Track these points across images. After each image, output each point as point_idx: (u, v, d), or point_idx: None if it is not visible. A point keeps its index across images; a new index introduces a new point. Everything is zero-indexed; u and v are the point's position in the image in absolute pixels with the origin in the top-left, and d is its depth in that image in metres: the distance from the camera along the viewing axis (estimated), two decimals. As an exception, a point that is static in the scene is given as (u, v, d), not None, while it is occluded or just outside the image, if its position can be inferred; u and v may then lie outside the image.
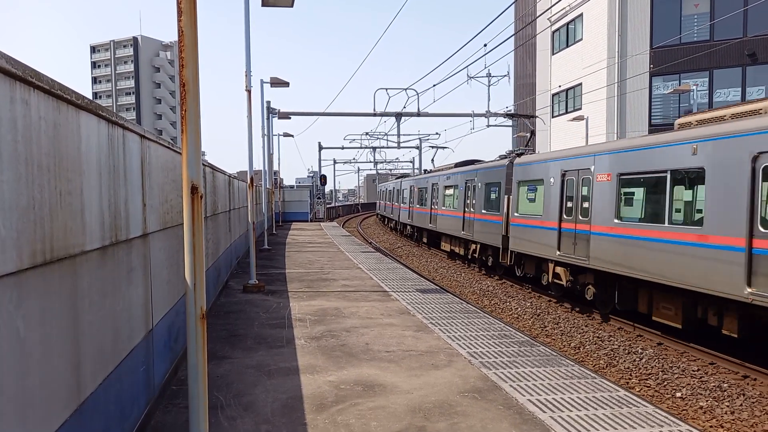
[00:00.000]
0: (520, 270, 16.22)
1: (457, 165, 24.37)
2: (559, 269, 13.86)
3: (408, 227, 33.84)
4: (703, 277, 9.00)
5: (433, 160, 38.61)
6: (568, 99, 30.86)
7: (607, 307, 12.25)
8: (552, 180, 14.01)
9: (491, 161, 19.84)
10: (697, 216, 9.48)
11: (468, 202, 20.80)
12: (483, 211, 18.98)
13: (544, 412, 4.93)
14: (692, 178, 9.68)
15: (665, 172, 10.12)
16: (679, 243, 9.67)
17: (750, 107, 9.23)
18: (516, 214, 16.17)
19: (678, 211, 9.99)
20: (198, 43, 3.34)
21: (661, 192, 10.23)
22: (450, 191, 23.67)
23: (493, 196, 18.29)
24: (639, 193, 11.06)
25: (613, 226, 11.43)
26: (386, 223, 46.69)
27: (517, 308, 13.90)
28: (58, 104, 2.86)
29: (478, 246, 19.71)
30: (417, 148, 53.78)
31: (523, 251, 15.67)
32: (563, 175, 13.52)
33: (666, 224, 10.02)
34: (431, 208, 26.61)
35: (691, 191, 9.75)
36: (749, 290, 7.91)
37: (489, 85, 32.73)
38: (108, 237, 3.62)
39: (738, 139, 8.62)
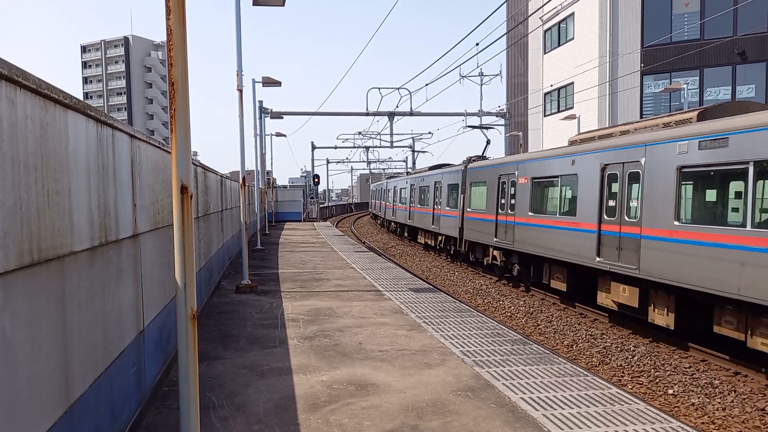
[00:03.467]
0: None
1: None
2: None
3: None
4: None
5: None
6: (560, 98, 30.96)
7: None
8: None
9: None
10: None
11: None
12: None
13: (537, 410, 4.94)
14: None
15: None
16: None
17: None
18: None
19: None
20: (187, 41, 3.32)
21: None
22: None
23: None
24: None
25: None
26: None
27: (510, 307, 13.93)
28: (46, 103, 2.83)
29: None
30: (410, 147, 53.82)
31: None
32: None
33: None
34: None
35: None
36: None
37: (481, 84, 32.81)
38: (97, 237, 3.59)
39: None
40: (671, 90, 21.67)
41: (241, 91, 11.81)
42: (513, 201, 15.81)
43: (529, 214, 14.60)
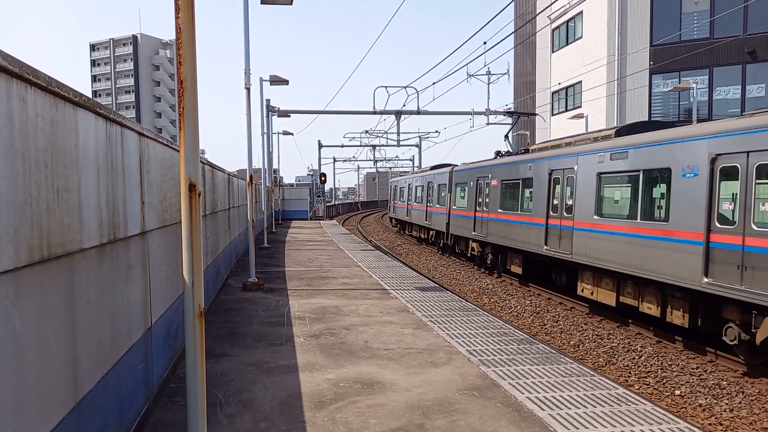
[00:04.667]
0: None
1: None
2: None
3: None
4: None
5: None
6: (568, 97, 30.83)
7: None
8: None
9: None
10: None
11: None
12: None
13: (543, 409, 4.93)
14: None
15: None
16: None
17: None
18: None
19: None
20: (196, 40, 3.34)
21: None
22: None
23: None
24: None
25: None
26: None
27: (516, 306, 13.90)
28: (56, 101, 2.85)
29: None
30: (417, 146, 53.76)
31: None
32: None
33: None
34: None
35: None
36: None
37: (489, 83, 32.70)
38: (106, 234, 3.61)
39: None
40: (680, 89, 21.54)
41: (248, 89, 11.84)
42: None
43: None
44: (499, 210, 17.28)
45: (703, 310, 9.39)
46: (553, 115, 32.69)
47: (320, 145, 51.37)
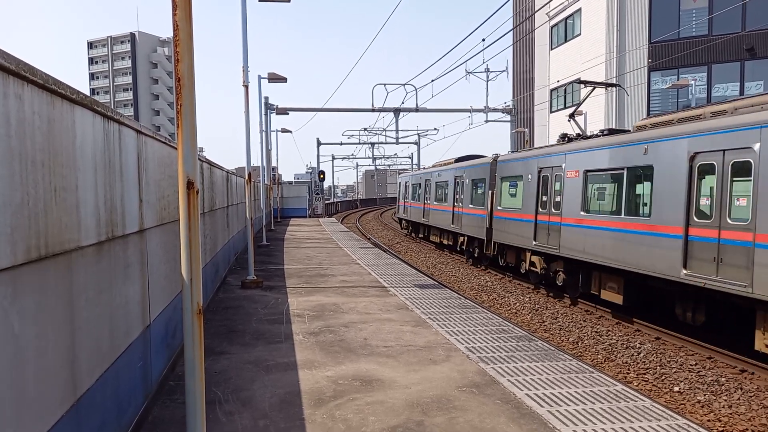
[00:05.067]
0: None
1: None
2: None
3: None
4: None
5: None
6: (567, 94, 30.82)
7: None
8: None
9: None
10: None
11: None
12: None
13: (542, 406, 4.94)
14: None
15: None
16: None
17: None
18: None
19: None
20: (193, 37, 3.33)
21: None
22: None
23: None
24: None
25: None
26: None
27: (515, 303, 13.91)
28: (53, 99, 2.84)
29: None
30: (416, 143, 53.76)
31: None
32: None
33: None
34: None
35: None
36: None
37: (487, 81, 32.71)
38: (104, 233, 3.60)
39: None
40: (679, 86, 21.55)
41: (247, 87, 11.82)
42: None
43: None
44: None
45: None
46: (551, 112, 32.68)
47: (319, 143, 51.35)
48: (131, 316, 4.29)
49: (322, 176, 48.05)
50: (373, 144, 56.04)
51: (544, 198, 14.81)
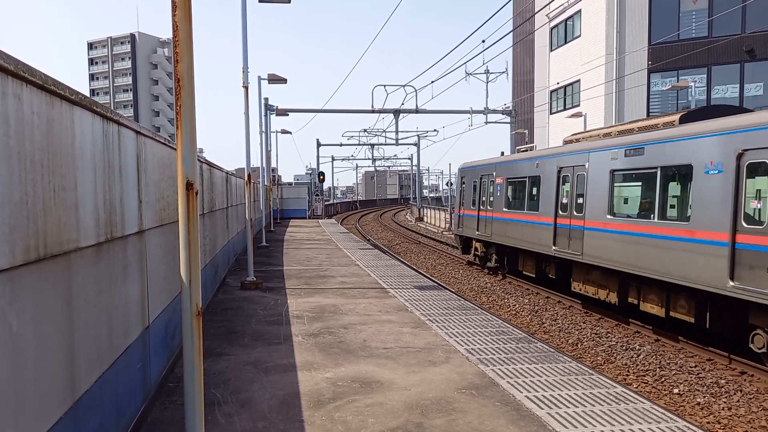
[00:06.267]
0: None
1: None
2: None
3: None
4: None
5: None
6: (567, 96, 30.83)
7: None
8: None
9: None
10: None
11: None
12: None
13: (542, 408, 4.93)
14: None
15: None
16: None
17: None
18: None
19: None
20: (193, 38, 3.32)
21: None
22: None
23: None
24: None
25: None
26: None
27: (515, 305, 13.91)
28: (52, 99, 2.83)
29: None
30: (415, 144, 53.74)
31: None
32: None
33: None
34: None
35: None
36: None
37: (487, 82, 32.75)
38: (103, 233, 3.60)
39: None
40: (678, 88, 21.54)
41: (247, 88, 11.82)
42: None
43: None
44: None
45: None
46: (551, 113, 32.69)
47: (318, 144, 51.36)
48: (130, 317, 4.28)
49: (321, 177, 48.03)
50: (372, 145, 56.05)
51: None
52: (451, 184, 54.35)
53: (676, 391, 8.06)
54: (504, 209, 16.82)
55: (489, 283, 17.06)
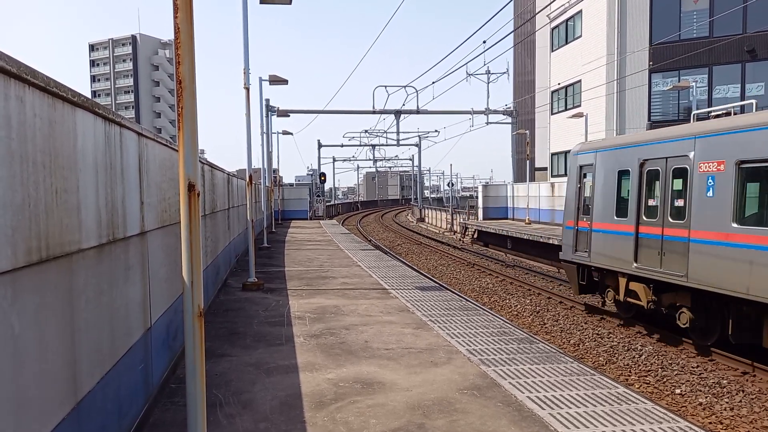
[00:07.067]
0: None
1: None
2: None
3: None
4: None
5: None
6: (568, 96, 30.83)
7: None
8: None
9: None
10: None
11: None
12: None
13: (544, 408, 4.92)
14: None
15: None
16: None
17: None
18: None
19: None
20: (195, 39, 3.33)
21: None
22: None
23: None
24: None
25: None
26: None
27: (516, 305, 13.90)
28: (54, 101, 2.84)
29: None
30: (416, 145, 53.76)
31: None
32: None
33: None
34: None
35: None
36: None
37: (488, 83, 32.77)
38: (105, 235, 3.60)
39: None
40: (679, 88, 21.52)
41: (248, 89, 11.83)
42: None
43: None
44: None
45: None
46: (552, 114, 32.68)
47: (320, 145, 51.40)
48: (132, 319, 4.28)
49: (323, 178, 48.06)
50: (374, 146, 56.10)
51: None
52: (452, 184, 54.22)
53: (678, 391, 8.05)
54: (734, 224, 8.63)
55: (490, 283, 17.05)
